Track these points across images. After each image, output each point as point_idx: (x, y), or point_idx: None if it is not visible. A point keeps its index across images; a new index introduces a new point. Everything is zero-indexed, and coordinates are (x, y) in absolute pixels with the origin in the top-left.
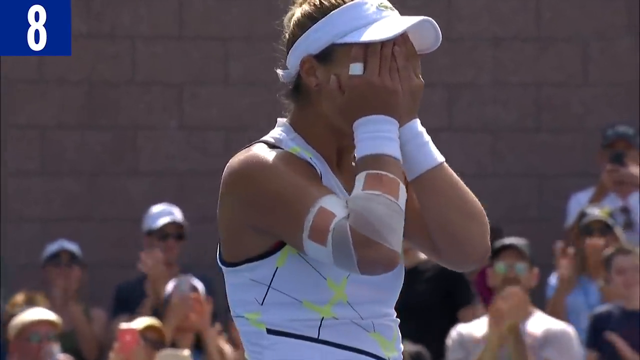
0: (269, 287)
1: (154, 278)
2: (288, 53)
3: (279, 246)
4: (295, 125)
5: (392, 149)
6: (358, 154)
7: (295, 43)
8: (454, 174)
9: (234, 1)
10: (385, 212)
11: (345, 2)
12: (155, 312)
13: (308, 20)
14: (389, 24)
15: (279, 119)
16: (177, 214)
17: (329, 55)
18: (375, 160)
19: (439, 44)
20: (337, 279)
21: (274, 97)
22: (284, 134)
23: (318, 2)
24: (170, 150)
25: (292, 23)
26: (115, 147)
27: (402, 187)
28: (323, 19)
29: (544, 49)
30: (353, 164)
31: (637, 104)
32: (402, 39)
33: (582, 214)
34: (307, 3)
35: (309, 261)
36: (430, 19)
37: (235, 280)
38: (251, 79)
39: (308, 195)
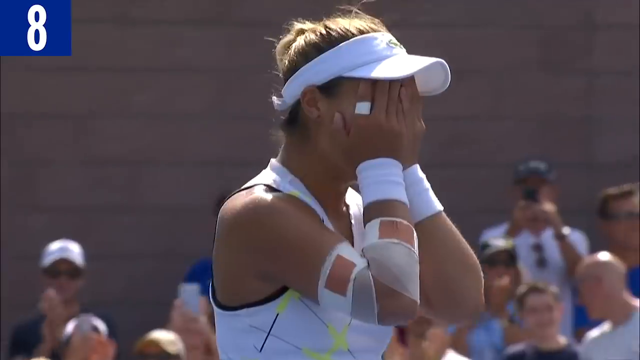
0: (268, 333)
1: (51, 319)
2: (285, 82)
3: (280, 292)
4: (290, 167)
5: (401, 194)
6: (365, 199)
7: (297, 72)
8: (452, 224)
9: (138, 32)
10: (405, 260)
11: (354, 34)
12: (54, 354)
13: (313, 50)
14: (400, 63)
15: (272, 160)
16: (73, 251)
17: (334, 88)
18: (386, 206)
19: (446, 87)
20: (339, 326)
21: (179, 129)
22: (279, 177)
23: (325, 32)
24: (71, 185)
25: (293, 51)
26: (14, 181)
27: (415, 233)
28: (331, 49)
29: (456, 82)
30: (344, 208)
31: (549, 138)
32: (410, 80)
33: (485, 245)
34: (311, 31)
35: (310, 307)
36: (442, 61)
37: (231, 324)
38: (155, 112)
39: (323, 241)
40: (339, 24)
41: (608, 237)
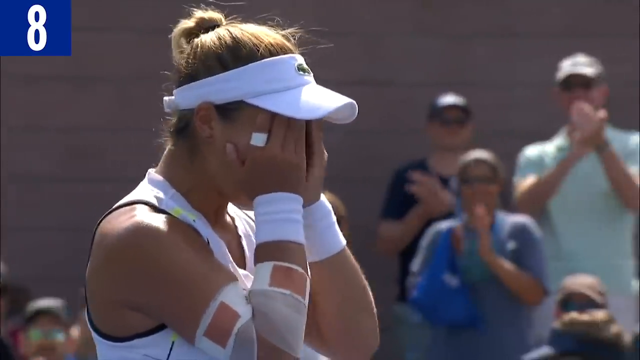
0: None
1: None
2: (180, 81)
3: None
4: (173, 180)
5: (296, 234)
6: (259, 237)
7: (197, 82)
8: (354, 259)
9: None
10: (293, 316)
11: (262, 55)
12: None
13: (217, 64)
14: (308, 98)
15: (150, 172)
16: None
17: (232, 112)
18: (282, 249)
19: (352, 119)
20: None
21: None
22: (160, 192)
23: (231, 44)
24: None
25: (193, 52)
26: None
27: (308, 281)
28: (238, 69)
29: (80, 90)
30: (229, 220)
31: None
32: None
33: None
34: (216, 36)
35: None
36: (353, 102)
37: (120, 354)
38: None
39: (207, 283)
40: (246, 35)
41: None
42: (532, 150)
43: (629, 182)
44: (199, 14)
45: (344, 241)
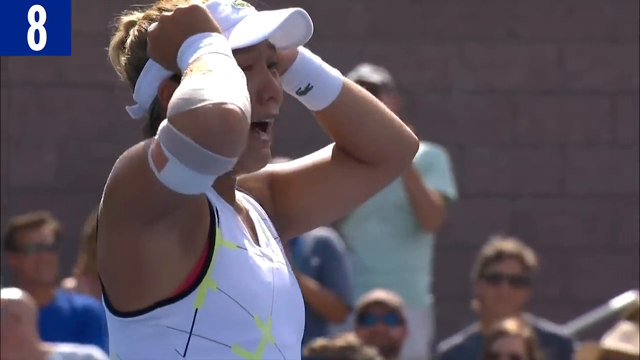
0: (190, 334)
1: None
2: (135, 84)
3: (192, 284)
4: None
5: (198, 53)
6: None
7: (144, 68)
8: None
9: None
10: (190, 83)
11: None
12: None
13: None
14: (251, 26)
15: None
16: None
17: None
18: (187, 70)
19: (309, 36)
20: (264, 316)
21: None
22: None
23: (159, 13)
24: None
25: (129, 46)
26: None
27: (219, 58)
28: None
29: None
30: (241, 204)
31: None
32: None
33: None
34: (144, 20)
35: (233, 297)
36: (301, 10)
37: (143, 332)
38: None
39: (147, 144)
40: (172, 1)
41: (18, 273)
42: None
43: (426, 198)
44: (124, 20)
45: (339, 74)
